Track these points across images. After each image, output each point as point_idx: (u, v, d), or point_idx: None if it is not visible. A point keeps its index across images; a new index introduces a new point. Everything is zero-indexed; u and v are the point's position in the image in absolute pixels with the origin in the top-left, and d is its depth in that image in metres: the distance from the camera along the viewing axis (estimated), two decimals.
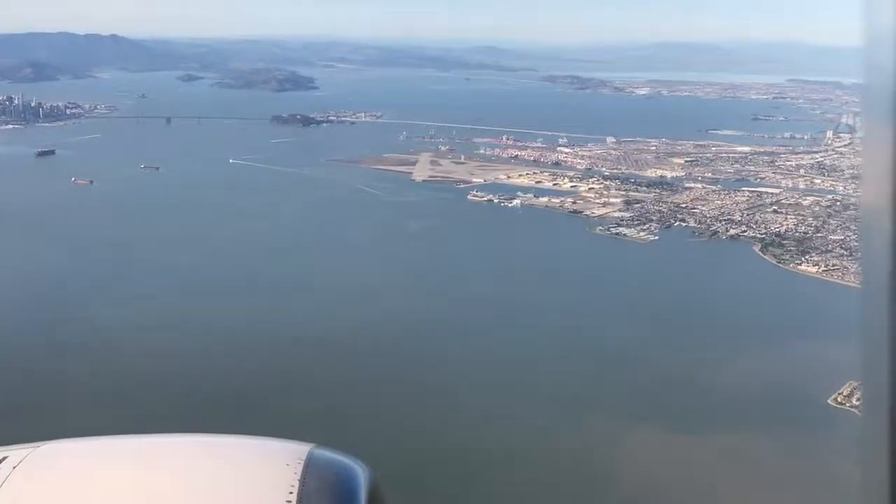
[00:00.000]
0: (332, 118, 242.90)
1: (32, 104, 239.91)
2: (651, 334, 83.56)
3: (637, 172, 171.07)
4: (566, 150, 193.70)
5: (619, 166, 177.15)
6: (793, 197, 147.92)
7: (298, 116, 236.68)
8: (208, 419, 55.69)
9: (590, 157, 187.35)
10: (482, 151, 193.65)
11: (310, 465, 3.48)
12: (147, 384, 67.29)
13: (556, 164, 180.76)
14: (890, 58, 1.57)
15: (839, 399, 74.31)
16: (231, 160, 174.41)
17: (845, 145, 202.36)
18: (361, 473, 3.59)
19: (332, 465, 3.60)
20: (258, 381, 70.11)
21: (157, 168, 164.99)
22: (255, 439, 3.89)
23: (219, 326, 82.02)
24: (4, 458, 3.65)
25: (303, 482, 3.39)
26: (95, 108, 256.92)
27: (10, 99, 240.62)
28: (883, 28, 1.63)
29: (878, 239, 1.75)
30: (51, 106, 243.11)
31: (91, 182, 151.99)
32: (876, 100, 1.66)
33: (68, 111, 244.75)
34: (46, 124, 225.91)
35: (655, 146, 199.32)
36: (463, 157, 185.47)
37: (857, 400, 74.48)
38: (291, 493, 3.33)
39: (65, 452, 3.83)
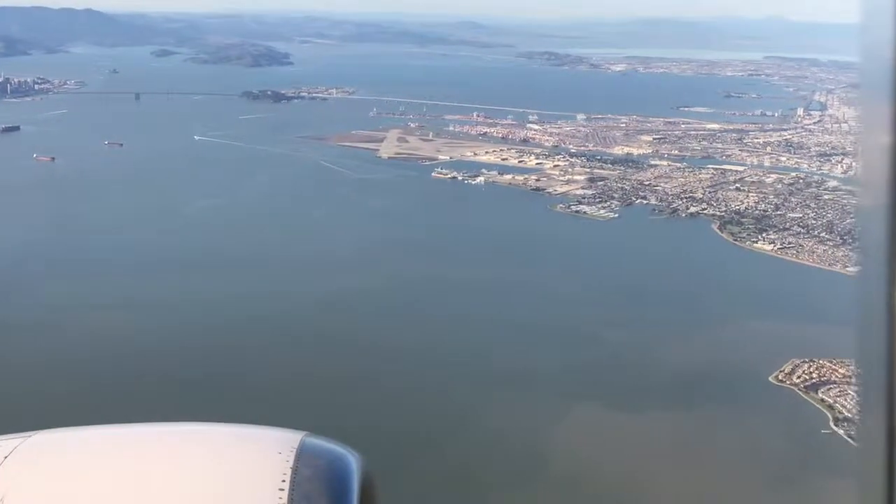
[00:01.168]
0: (303, 94, 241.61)
1: (0, 80, 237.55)
2: (596, 312, 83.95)
3: (604, 150, 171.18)
4: (535, 127, 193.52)
5: (586, 144, 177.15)
6: (756, 175, 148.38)
7: (269, 92, 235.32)
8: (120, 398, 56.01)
9: (559, 134, 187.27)
10: (451, 128, 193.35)
11: (302, 453, 3.50)
12: (78, 362, 67.29)
13: (525, 141, 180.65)
14: (887, 34, 1.55)
15: (780, 377, 74.97)
16: (197, 137, 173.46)
17: (815, 122, 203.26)
18: (353, 461, 3.61)
19: (324, 452, 3.61)
20: (192, 356, 70.15)
21: (121, 144, 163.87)
22: (246, 427, 3.91)
23: (161, 303, 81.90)
24: None
25: (295, 470, 3.40)
26: (65, 83, 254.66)
27: None
28: (880, 4, 1.59)
29: (875, 224, 1.72)
30: (19, 81, 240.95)
31: (53, 159, 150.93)
32: (872, 77, 1.64)
33: (37, 87, 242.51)
34: (13, 100, 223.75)
35: (625, 123, 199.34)
36: (431, 133, 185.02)
37: (798, 378, 75.35)
38: (284, 481, 3.33)
39: (55, 442, 3.83)
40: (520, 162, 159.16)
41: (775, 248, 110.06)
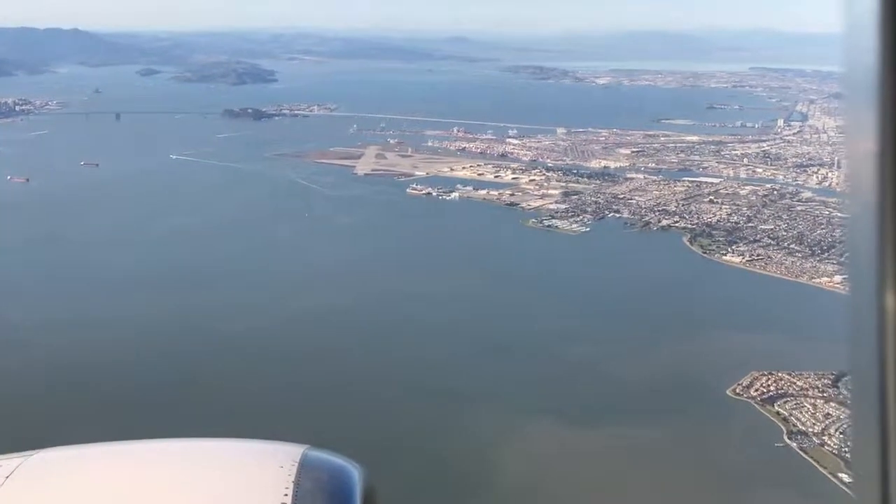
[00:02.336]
0: (284, 111, 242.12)
1: None
2: (555, 326, 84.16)
3: (581, 163, 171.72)
4: (514, 141, 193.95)
5: (564, 158, 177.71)
6: (731, 187, 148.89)
7: (250, 110, 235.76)
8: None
9: (537, 148, 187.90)
10: (430, 144, 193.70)
11: (304, 467, 3.52)
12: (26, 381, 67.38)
13: (503, 155, 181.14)
14: (869, 42, 1.55)
15: (738, 390, 75.22)
16: (173, 156, 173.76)
17: (794, 133, 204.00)
18: (356, 474, 3.63)
19: (326, 466, 3.64)
20: (150, 374, 70.22)
21: (97, 164, 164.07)
22: (248, 442, 3.95)
23: (124, 323, 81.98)
24: None
25: (297, 484, 3.40)
26: (47, 104, 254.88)
27: None
28: (863, 11, 1.60)
29: (863, 231, 1.72)
30: None
31: (27, 180, 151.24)
32: (856, 86, 1.64)
33: (17, 108, 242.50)
34: None
35: (605, 137, 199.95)
36: (410, 149, 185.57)
37: (755, 391, 75.50)
38: (286, 494, 3.33)
39: (57, 461, 3.85)
40: (496, 177, 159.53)
41: (744, 261, 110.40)
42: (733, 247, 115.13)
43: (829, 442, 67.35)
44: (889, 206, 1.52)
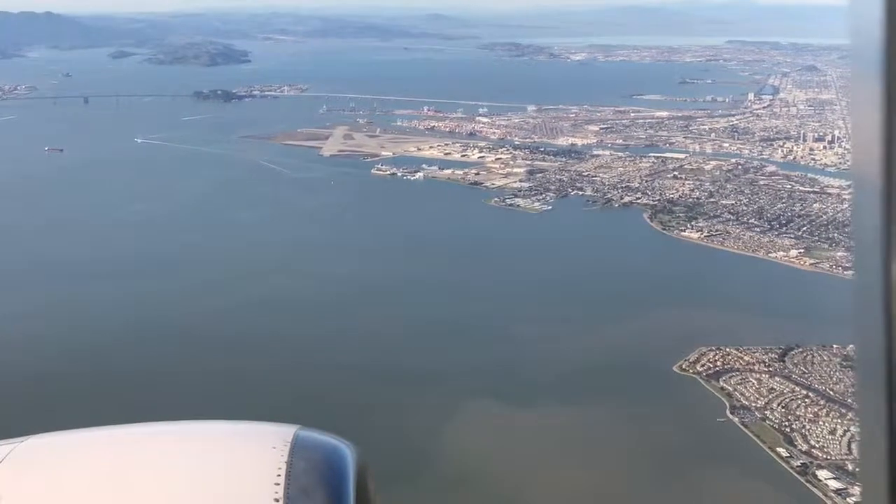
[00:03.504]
0: (255, 93, 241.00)
1: None
2: (505, 306, 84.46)
3: (549, 141, 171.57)
4: (484, 120, 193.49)
5: (532, 135, 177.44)
6: (696, 162, 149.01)
7: (220, 92, 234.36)
8: None
9: (506, 126, 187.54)
10: (399, 123, 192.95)
11: (296, 447, 3.49)
12: None
13: (471, 134, 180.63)
14: (876, 11, 1.53)
15: (684, 366, 75.56)
16: (138, 140, 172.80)
17: (764, 107, 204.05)
18: (349, 453, 3.62)
19: (318, 446, 3.62)
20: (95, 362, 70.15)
21: (62, 150, 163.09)
22: (239, 424, 3.92)
23: (76, 312, 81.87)
24: None
25: (290, 464, 3.38)
26: (15, 89, 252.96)
27: None
28: None
29: (869, 210, 1.69)
30: None
31: None
32: (862, 59, 1.60)
33: None
34: None
35: (575, 113, 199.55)
36: (379, 130, 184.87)
37: (701, 366, 75.93)
38: (279, 475, 3.30)
39: (50, 446, 3.82)
40: (463, 156, 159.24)
41: (702, 236, 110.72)
42: (693, 222, 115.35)
43: (770, 416, 67.83)
44: None
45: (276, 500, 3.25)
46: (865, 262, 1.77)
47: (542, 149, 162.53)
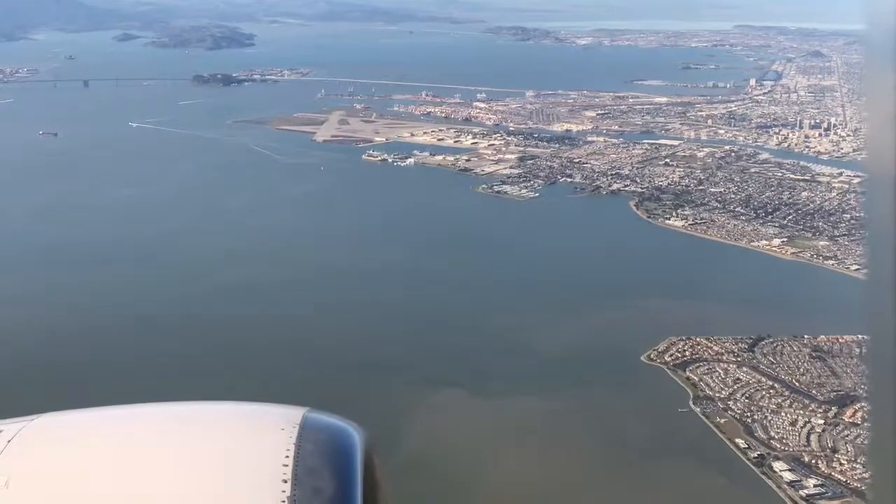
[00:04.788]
0: (255, 77, 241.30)
1: None
2: (481, 296, 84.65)
3: (544, 127, 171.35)
4: (481, 105, 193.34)
5: (528, 121, 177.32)
6: (690, 149, 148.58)
7: (219, 76, 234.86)
8: None
9: (503, 112, 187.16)
10: (396, 108, 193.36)
11: (304, 429, 3.60)
12: None
13: (467, 119, 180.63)
14: (892, 4, 1.52)
15: (652, 356, 75.65)
16: (133, 124, 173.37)
17: (765, 93, 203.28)
18: (355, 434, 3.74)
19: (326, 427, 3.72)
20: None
21: (56, 134, 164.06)
22: (249, 405, 4.03)
23: (55, 297, 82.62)
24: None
25: (298, 445, 3.49)
26: (17, 71, 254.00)
27: None
28: None
29: (884, 193, 1.65)
30: None
31: None
32: (878, 48, 1.59)
33: None
34: None
35: (574, 99, 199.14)
36: (375, 115, 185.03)
37: (669, 356, 76.04)
38: (287, 456, 3.41)
39: (59, 424, 3.93)
40: (455, 142, 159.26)
41: (686, 224, 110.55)
42: (679, 210, 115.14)
43: (732, 407, 67.94)
44: None
45: (285, 480, 3.29)
46: (878, 254, 1.70)
47: (537, 135, 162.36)
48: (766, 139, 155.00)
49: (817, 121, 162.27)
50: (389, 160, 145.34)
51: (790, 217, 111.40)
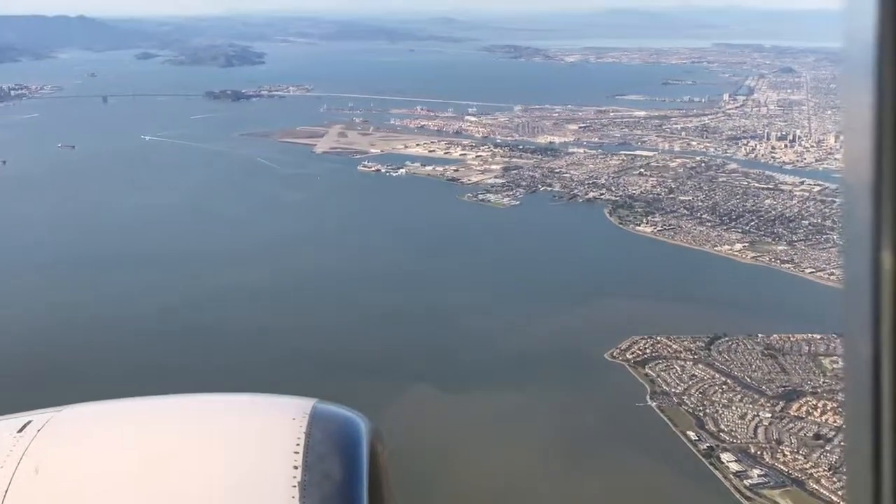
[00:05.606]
0: (263, 92, 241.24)
1: None
2: (456, 296, 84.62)
3: (529, 139, 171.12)
4: (472, 118, 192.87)
5: (514, 134, 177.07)
6: (663, 160, 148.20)
7: (229, 92, 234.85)
8: None
9: (492, 125, 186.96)
10: (392, 122, 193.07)
11: (314, 419, 3.61)
12: None
13: (457, 132, 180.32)
14: (869, 19, 1.51)
15: (615, 354, 75.58)
16: (146, 137, 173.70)
17: (737, 107, 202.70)
18: (363, 424, 3.74)
19: (335, 417, 3.73)
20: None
21: (73, 147, 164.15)
22: (261, 396, 4.04)
23: (54, 300, 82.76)
24: (29, 423, 3.76)
25: (308, 434, 3.51)
26: (42, 88, 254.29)
27: None
28: None
29: (860, 209, 1.64)
30: None
31: (3, 162, 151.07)
32: (854, 62, 1.58)
33: (13, 93, 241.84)
34: None
35: (558, 113, 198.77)
36: (372, 128, 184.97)
37: (631, 354, 75.96)
38: (298, 444, 3.45)
39: (85, 415, 3.95)
40: (446, 153, 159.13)
41: (655, 230, 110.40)
42: (649, 217, 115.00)
43: (687, 402, 67.93)
44: (888, 173, 1.48)
45: (296, 466, 3.33)
46: (855, 255, 1.69)
47: (522, 146, 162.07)
48: (736, 150, 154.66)
49: (784, 133, 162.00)
50: (383, 171, 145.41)
51: (752, 223, 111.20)
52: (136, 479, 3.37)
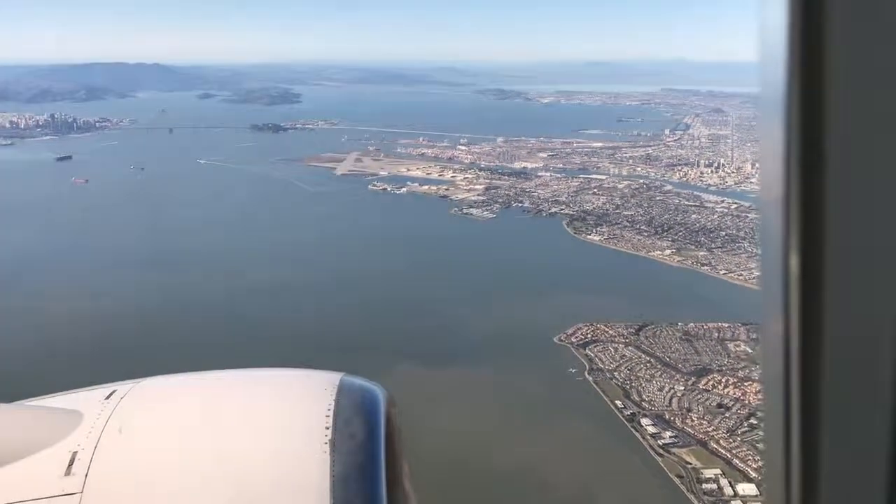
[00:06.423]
0: (297, 126, 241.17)
1: (70, 119, 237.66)
2: (433, 291, 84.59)
3: (507, 165, 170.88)
4: (463, 148, 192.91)
5: (496, 160, 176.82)
6: (613, 182, 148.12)
7: (270, 125, 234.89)
8: None
9: (479, 153, 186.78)
10: (399, 150, 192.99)
11: (341, 389, 3.58)
12: None
13: (450, 159, 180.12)
14: (779, 69, 1.45)
15: (562, 338, 75.66)
16: (201, 161, 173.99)
17: (675, 140, 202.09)
18: (381, 394, 3.68)
19: (359, 388, 3.68)
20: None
21: (143, 168, 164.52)
22: (299, 370, 4.00)
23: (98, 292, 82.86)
24: (114, 391, 3.81)
25: (337, 402, 3.50)
26: (121, 122, 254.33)
27: (53, 116, 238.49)
28: (773, 32, 1.45)
29: (773, 234, 1.55)
30: (83, 121, 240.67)
31: (86, 181, 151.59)
32: (768, 95, 1.51)
33: (97, 125, 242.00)
34: (77, 135, 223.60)
35: (532, 144, 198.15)
36: (382, 155, 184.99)
37: (575, 338, 75.87)
38: (329, 409, 3.47)
39: (160, 386, 3.98)
40: (440, 175, 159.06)
41: (602, 239, 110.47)
42: (598, 228, 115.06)
43: (617, 377, 68.00)
44: (794, 191, 1.45)
45: (327, 428, 3.35)
46: (768, 258, 1.59)
47: (501, 171, 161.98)
48: (672, 175, 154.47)
49: (711, 161, 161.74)
50: (389, 189, 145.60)
51: (680, 233, 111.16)
52: (198, 435, 3.42)
